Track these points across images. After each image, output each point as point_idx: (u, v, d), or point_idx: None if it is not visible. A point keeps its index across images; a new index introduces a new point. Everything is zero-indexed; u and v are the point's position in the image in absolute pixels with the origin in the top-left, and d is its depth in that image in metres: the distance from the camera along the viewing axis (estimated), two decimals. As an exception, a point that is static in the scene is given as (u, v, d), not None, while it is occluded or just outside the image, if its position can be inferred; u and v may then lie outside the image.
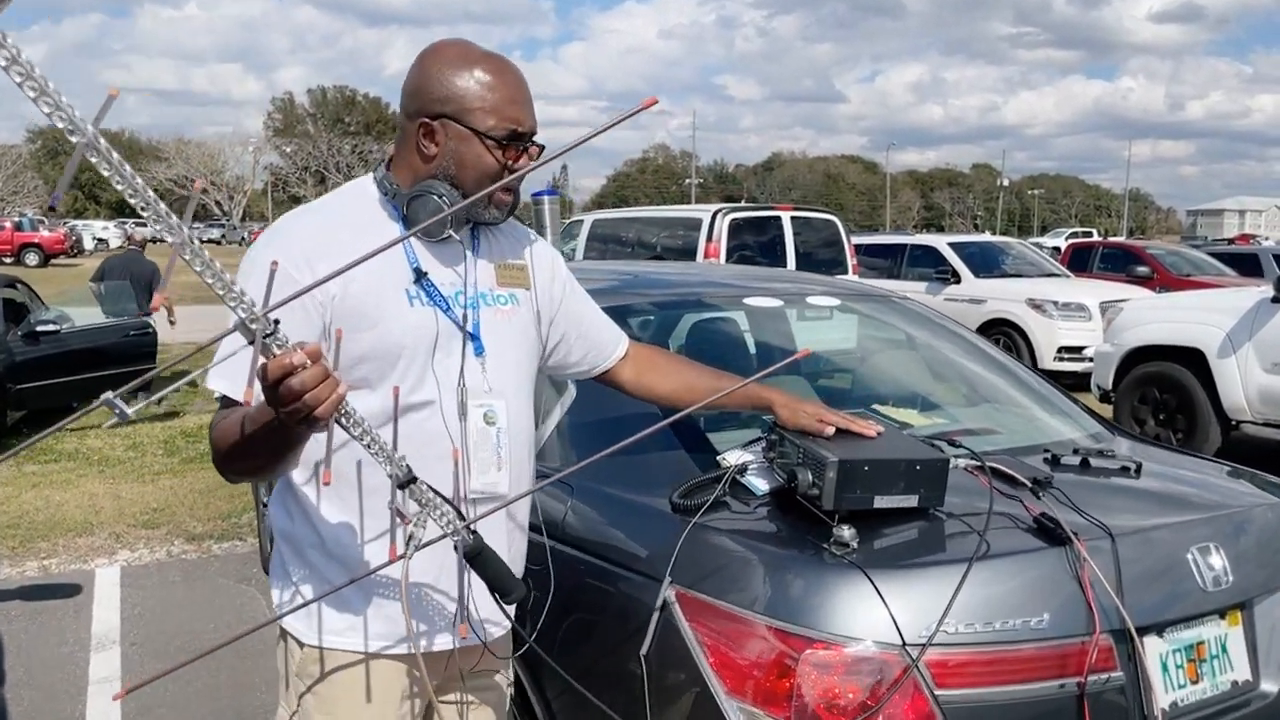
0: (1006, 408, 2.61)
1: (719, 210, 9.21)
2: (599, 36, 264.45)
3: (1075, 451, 2.12)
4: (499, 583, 1.30)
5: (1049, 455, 2.11)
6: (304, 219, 1.50)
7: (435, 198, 1.47)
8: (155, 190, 0.90)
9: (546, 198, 2.98)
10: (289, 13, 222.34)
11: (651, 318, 2.81)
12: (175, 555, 4.97)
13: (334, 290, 1.41)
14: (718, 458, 1.97)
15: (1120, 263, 13.98)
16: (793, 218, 9.46)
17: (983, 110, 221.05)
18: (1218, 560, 1.76)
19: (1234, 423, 6.57)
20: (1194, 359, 6.63)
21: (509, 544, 1.59)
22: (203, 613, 4.21)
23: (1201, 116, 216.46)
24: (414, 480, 1.19)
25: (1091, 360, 9.18)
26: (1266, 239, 31.12)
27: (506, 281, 1.62)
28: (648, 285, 2.95)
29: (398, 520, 1.14)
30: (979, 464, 1.87)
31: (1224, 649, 1.80)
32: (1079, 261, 14.49)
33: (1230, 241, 27.25)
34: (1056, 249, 18.52)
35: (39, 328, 7.86)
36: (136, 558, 4.92)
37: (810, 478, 1.69)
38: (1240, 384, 6.33)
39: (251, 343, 1.00)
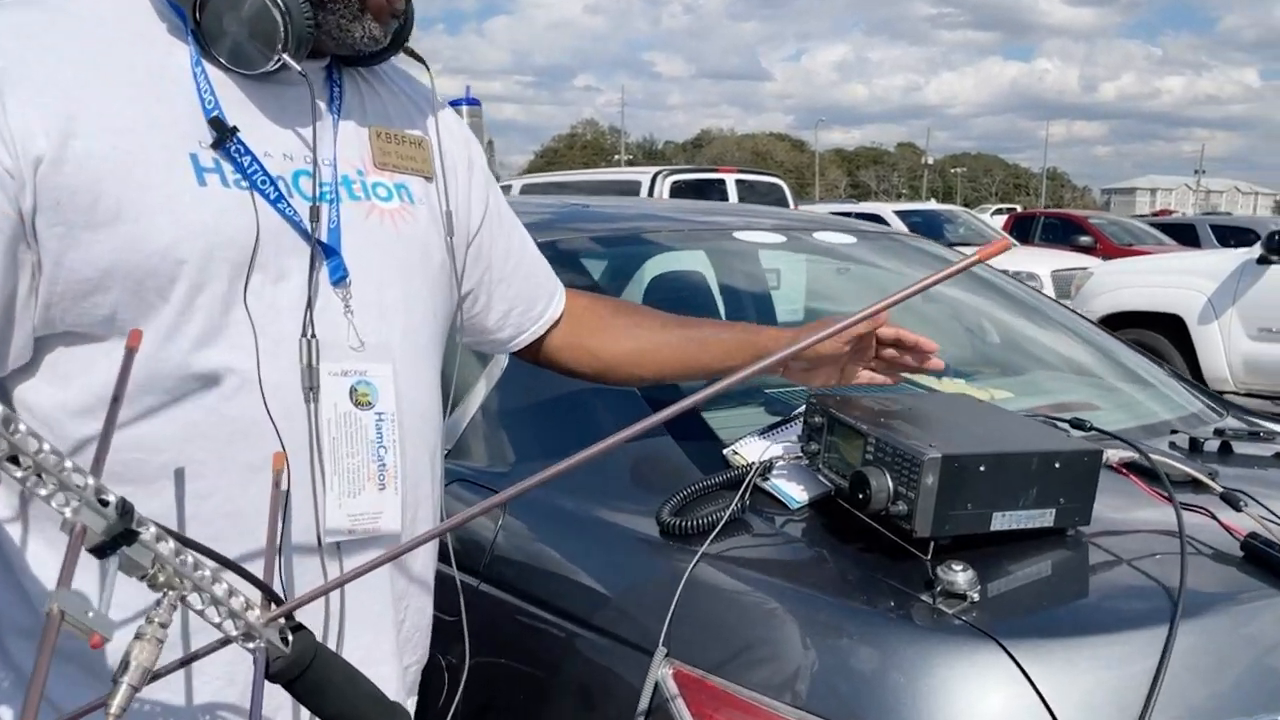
0: (1072, 375, 2.00)
1: (659, 172, 8.61)
2: (524, 10, 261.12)
3: (1218, 432, 1.51)
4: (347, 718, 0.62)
5: (1180, 438, 1.50)
6: (8, 16, 0.79)
7: None
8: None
9: (466, 108, 2.27)
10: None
11: (605, 262, 2.13)
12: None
13: (41, 149, 0.72)
14: (725, 451, 1.31)
15: (1062, 233, 13.86)
16: (737, 181, 8.96)
17: (905, 90, 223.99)
18: None
19: (1216, 393, 6.17)
20: (1172, 325, 6.22)
21: (397, 619, 0.92)
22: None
23: (1114, 98, 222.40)
24: (133, 535, 0.50)
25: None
26: (1184, 214, 32.66)
27: (392, 163, 0.93)
28: (596, 220, 2.27)
29: (76, 632, 0.47)
30: (1138, 456, 1.23)
31: None
32: (1021, 231, 14.45)
33: (1156, 214, 28.23)
34: (984, 223, 18.56)
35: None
36: None
37: (891, 485, 1.05)
38: (1223, 351, 5.93)
39: None
